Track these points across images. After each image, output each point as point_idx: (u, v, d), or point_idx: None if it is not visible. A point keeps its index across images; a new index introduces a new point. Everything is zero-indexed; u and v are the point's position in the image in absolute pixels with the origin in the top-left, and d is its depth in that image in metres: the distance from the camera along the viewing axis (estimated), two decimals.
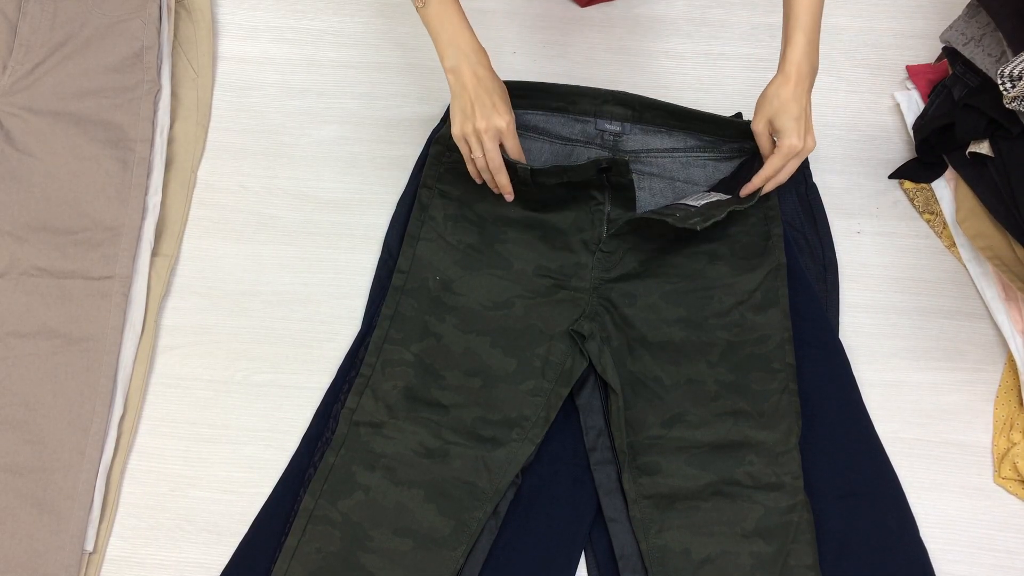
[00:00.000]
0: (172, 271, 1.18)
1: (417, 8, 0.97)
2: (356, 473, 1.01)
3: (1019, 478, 1.07)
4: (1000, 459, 1.09)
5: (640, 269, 1.07)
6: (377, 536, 0.98)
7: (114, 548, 1.07)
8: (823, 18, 1.19)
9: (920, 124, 1.20)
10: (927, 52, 1.27)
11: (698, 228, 0.98)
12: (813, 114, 1.18)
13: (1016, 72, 1.00)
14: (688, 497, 1.01)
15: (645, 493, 1.01)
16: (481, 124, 0.96)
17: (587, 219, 1.07)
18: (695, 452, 1.02)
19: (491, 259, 1.08)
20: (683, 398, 1.04)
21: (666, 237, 1.06)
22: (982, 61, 1.12)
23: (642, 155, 1.10)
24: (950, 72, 1.18)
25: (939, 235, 1.19)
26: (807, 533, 1.00)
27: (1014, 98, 1.00)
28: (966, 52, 1.14)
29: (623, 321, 1.06)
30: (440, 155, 1.09)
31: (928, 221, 1.20)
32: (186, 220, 1.20)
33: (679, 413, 1.03)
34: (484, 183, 1.06)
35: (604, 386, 1.06)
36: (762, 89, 1.01)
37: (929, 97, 1.20)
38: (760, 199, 1.06)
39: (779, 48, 1.24)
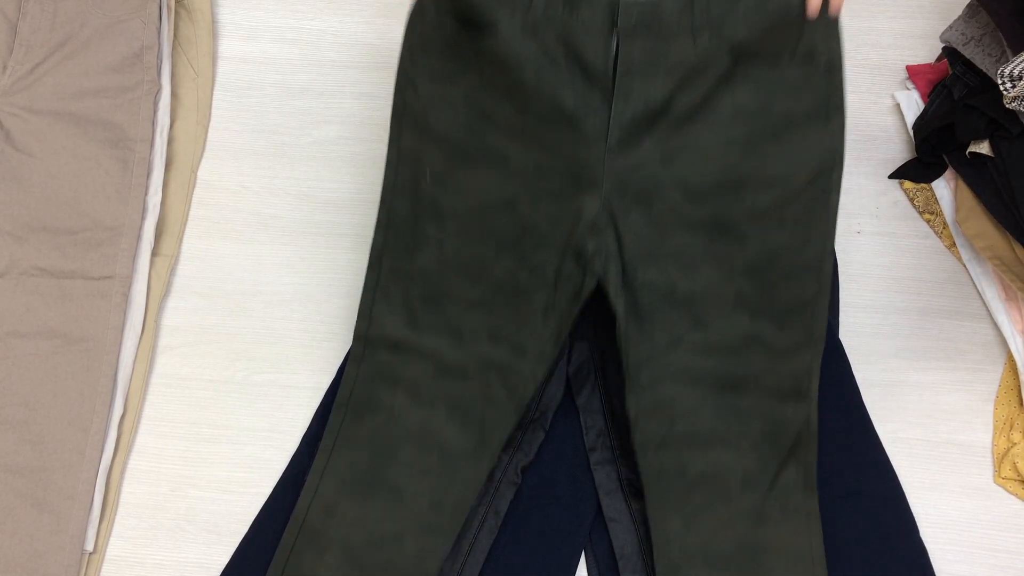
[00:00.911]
0: (172, 271, 1.18)
1: None
2: (378, 393, 0.98)
3: (1019, 478, 1.07)
4: (1000, 459, 1.09)
5: (659, 161, 0.91)
6: (403, 453, 0.96)
7: (114, 548, 1.07)
8: None
9: (920, 124, 1.20)
10: (927, 52, 1.27)
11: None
12: None
13: (1016, 72, 1.00)
14: (691, 411, 0.95)
15: (645, 410, 0.95)
16: None
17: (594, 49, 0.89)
18: (703, 374, 0.95)
19: (486, 155, 0.94)
20: (698, 310, 0.94)
21: (689, 112, 0.90)
22: (982, 61, 1.12)
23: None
24: (950, 72, 1.18)
25: (939, 235, 1.19)
26: (806, 454, 0.95)
27: (1014, 98, 1.00)
28: (966, 52, 1.14)
29: (636, 226, 0.93)
30: (414, 24, 0.93)
31: (928, 221, 1.20)
32: (186, 220, 1.20)
33: (691, 325, 0.94)
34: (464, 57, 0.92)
35: (604, 386, 1.06)
36: None
37: (929, 97, 1.20)
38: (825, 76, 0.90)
39: None
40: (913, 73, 1.24)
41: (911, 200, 1.20)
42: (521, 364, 0.95)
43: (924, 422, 1.11)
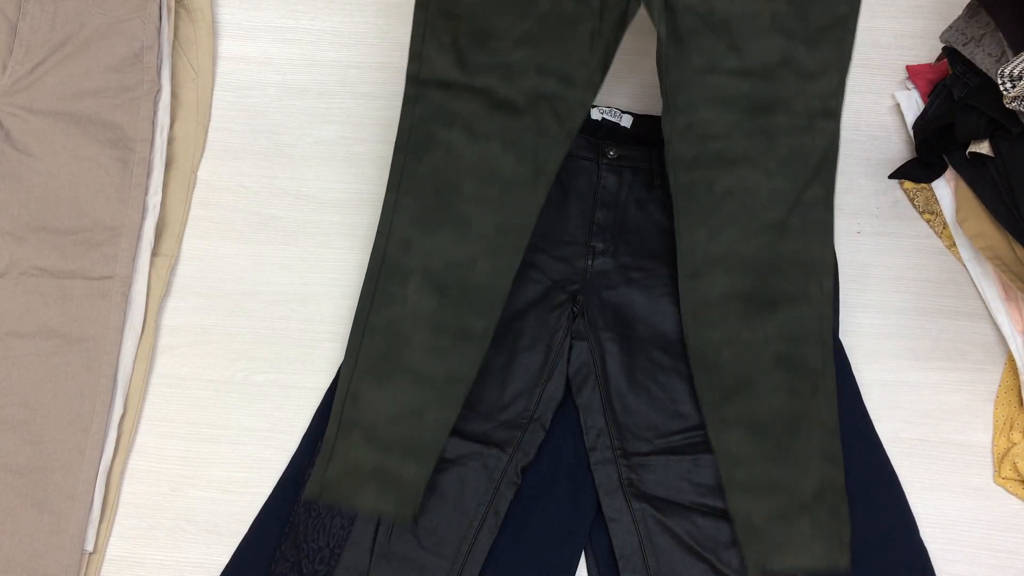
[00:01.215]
0: (172, 271, 1.18)
1: None
2: (435, 132, 1.02)
3: (1019, 478, 1.07)
4: (1000, 459, 1.09)
5: None
6: (465, 186, 1.01)
7: (114, 548, 1.07)
8: None
9: (920, 124, 1.20)
10: (927, 52, 1.27)
11: None
12: None
13: (1016, 72, 1.00)
14: (723, 132, 1.01)
15: (679, 131, 1.01)
16: None
17: None
18: (736, 97, 1.01)
19: None
20: (734, 33, 0.99)
21: None
22: (982, 61, 1.12)
23: None
24: (950, 72, 1.18)
25: (939, 235, 1.19)
26: (829, 171, 1.02)
27: (1014, 98, 1.00)
28: (966, 52, 1.14)
29: None
30: None
31: (928, 221, 1.20)
32: (186, 220, 1.20)
33: (728, 49, 0.99)
34: None
35: (605, 386, 1.07)
36: None
37: (929, 97, 1.21)
38: None
39: None
40: (913, 73, 1.24)
41: (911, 200, 1.20)
42: (570, 93, 1.00)
43: (924, 422, 1.11)
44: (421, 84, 1.02)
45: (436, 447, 0.99)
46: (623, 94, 1.26)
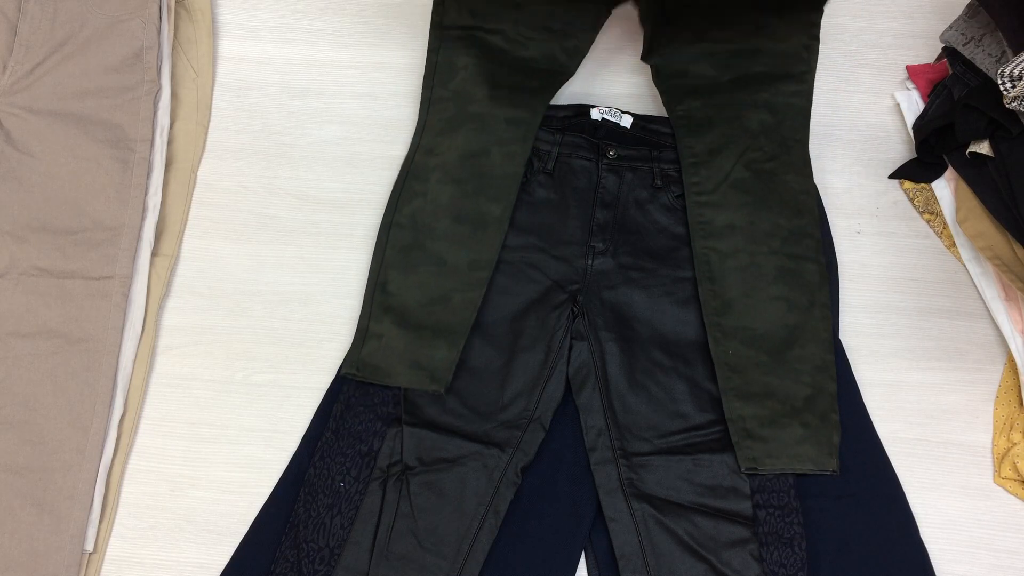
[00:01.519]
0: (172, 271, 1.18)
1: None
2: (455, 60, 1.18)
3: (1019, 478, 1.07)
4: (1000, 459, 1.09)
5: None
6: (481, 90, 1.16)
7: (114, 548, 1.07)
8: (823, 19, 1.19)
9: (920, 124, 1.20)
10: (927, 52, 1.27)
11: None
12: (813, 114, 1.18)
13: (1016, 72, 1.00)
14: (708, 81, 1.17)
15: (671, 80, 1.18)
16: None
17: None
18: (721, 55, 1.18)
19: None
20: (717, 13, 1.17)
21: None
22: (982, 61, 1.12)
23: None
24: (950, 72, 1.18)
25: (939, 235, 1.19)
26: (803, 116, 1.17)
27: (1014, 98, 1.00)
28: (966, 52, 1.14)
29: None
30: None
31: (928, 221, 1.20)
32: (186, 220, 1.20)
33: (712, 24, 1.18)
34: None
35: (605, 386, 1.07)
36: None
37: (929, 97, 1.21)
38: None
39: None
40: (913, 73, 1.24)
41: (911, 200, 1.20)
42: (574, 30, 1.19)
43: (924, 422, 1.11)
44: (444, 28, 1.19)
45: (465, 327, 1.07)
46: (623, 94, 1.26)
